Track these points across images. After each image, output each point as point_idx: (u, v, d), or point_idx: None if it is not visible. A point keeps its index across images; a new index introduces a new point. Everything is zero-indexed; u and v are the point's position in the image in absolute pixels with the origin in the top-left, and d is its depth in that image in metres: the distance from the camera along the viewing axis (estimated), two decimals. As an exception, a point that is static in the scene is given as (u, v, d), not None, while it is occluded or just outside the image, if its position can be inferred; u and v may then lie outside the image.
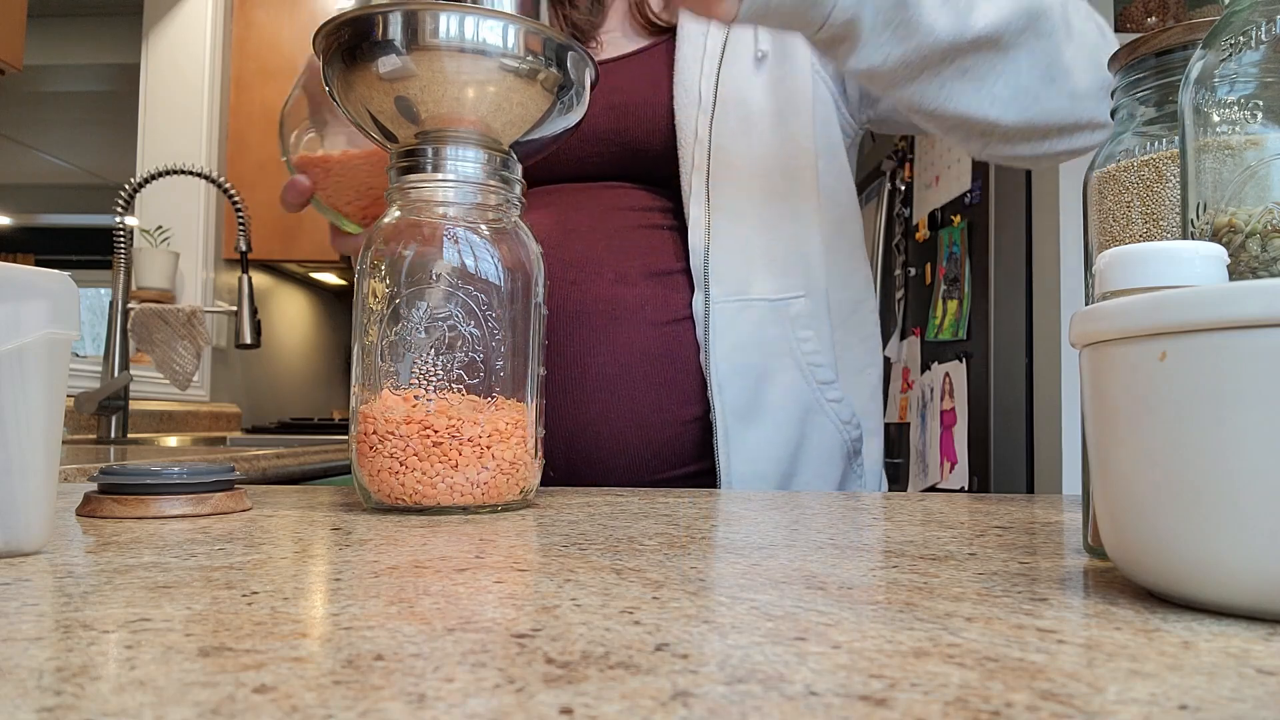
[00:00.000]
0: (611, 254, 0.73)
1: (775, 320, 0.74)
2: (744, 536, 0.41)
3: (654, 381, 0.72)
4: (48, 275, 0.34)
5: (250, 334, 1.65)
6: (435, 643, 0.22)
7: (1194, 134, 0.33)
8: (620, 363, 0.71)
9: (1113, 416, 0.27)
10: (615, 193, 0.77)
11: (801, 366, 0.74)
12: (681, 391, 0.72)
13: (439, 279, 0.51)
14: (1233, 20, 0.32)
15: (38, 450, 0.33)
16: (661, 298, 0.73)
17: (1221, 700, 0.18)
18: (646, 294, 0.73)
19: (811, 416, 0.75)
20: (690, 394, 0.72)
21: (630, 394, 0.71)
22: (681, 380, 0.72)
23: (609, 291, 0.72)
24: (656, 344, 0.72)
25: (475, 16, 0.49)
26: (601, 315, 0.72)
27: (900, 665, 0.20)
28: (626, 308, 0.72)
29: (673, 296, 0.74)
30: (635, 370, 0.71)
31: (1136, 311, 0.25)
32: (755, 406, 0.72)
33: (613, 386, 0.71)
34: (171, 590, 0.27)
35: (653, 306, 0.73)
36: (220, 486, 0.49)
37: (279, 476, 1.15)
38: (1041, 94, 0.67)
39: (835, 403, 0.76)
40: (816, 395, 0.75)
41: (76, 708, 0.17)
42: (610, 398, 0.71)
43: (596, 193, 0.77)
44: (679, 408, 0.72)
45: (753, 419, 0.72)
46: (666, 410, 0.72)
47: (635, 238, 0.75)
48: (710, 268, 0.73)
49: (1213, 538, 0.24)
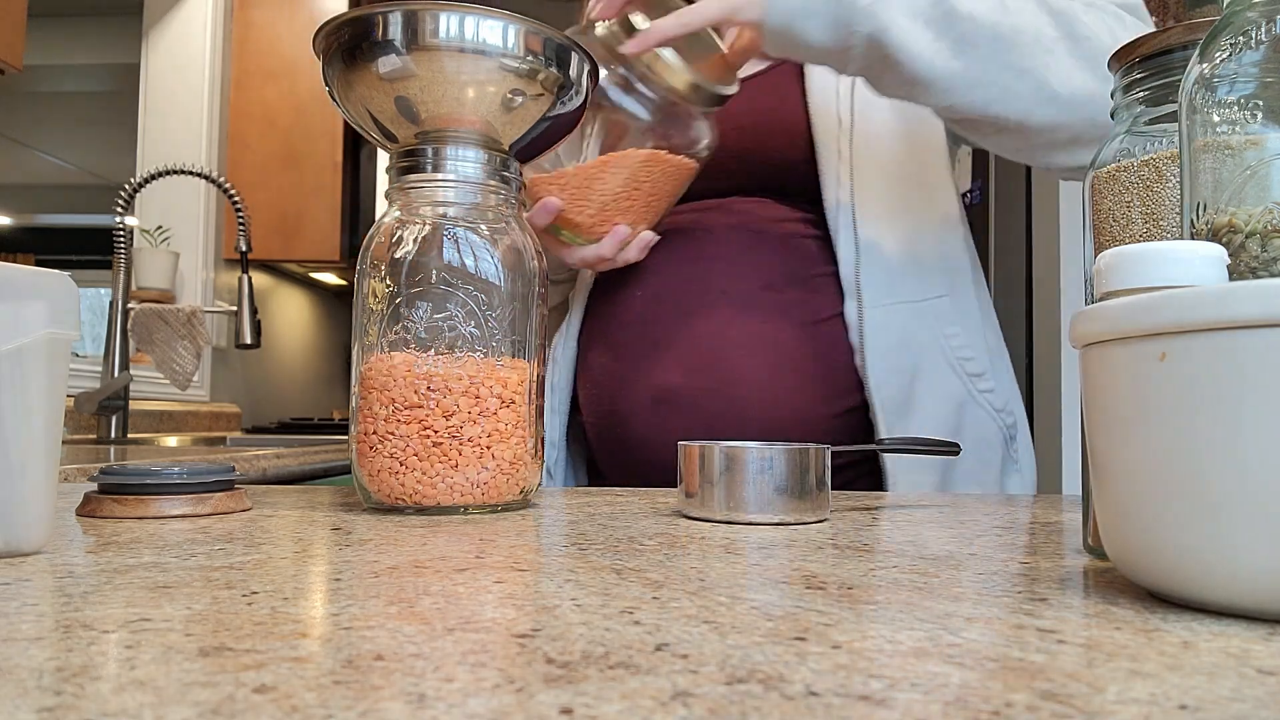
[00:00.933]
0: (753, 263, 0.78)
1: (921, 320, 0.78)
2: (744, 536, 0.41)
3: (808, 378, 0.76)
4: (48, 275, 0.34)
5: (250, 334, 1.65)
6: (435, 643, 0.22)
7: (1194, 134, 0.33)
8: (775, 363, 0.75)
9: (1113, 416, 0.27)
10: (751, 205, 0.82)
11: (951, 361, 0.78)
12: (835, 386, 0.76)
13: (439, 279, 0.51)
14: (1233, 20, 0.32)
15: (38, 450, 0.33)
16: (809, 300, 0.77)
17: (1221, 700, 0.18)
18: (794, 298, 0.77)
19: (965, 409, 0.78)
20: (843, 388, 0.76)
21: (786, 392, 0.75)
22: (835, 376, 0.76)
23: (759, 296, 0.77)
24: (808, 343, 0.76)
25: (475, 16, 0.49)
26: (755, 319, 0.76)
27: (900, 665, 0.20)
28: (776, 310, 0.77)
29: (818, 299, 0.78)
30: (789, 369, 0.75)
31: (1136, 311, 0.25)
32: (910, 402, 0.76)
33: (769, 386, 0.75)
34: (171, 590, 0.27)
35: (801, 309, 0.77)
36: (220, 486, 0.49)
37: (279, 476, 1.15)
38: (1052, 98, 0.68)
39: (988, 393, 0.80)
40: (969, 387, 0.79)
41: (76, 708, 0.17)
42: (767, 397, 0.75)
43: (731, 206, 0.82)
44: (834, 401, 0.76)
45: (909, 414, 0.76)
46: (823, 404, 0.76)
47: (776, 245, 0.79)
48: (861, 275, 0.77)
49: (1213, 538, 0.24)
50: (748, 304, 0.77)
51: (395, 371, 0.50)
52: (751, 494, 0.47)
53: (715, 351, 0.76)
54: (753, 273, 0.78)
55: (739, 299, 0.77)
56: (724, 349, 0.76)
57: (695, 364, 0.76)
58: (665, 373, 0.77)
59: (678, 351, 0.77)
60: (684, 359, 0.76)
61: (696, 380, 0.76)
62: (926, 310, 0.78)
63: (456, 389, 0.49)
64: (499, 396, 0.50)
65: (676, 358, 0.77)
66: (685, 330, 0.77)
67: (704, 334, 0.76)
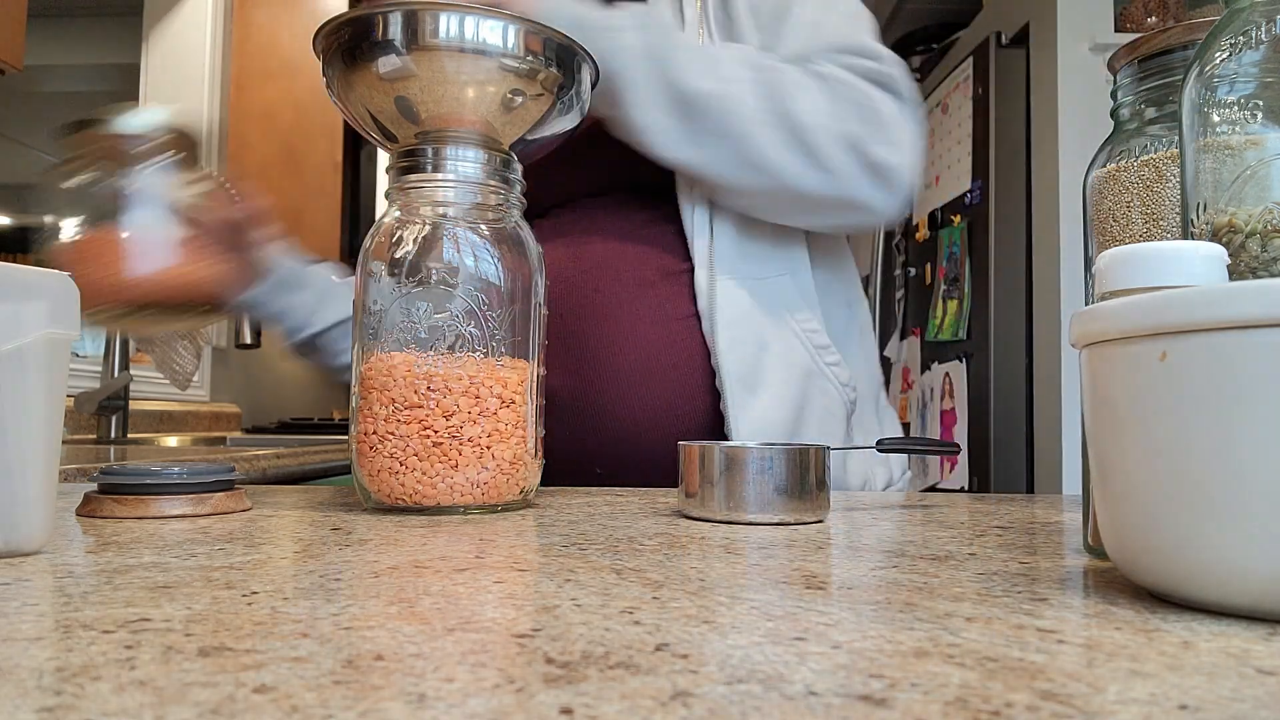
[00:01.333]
0: (626, 259, 0.79)
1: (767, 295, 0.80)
2: (744, 536, 0.41)
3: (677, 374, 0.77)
4: (48, 275, 0.34)
5: (250, 334, 1.65)
6: (435, 643, 0.22)
7: (1194, 134, 0.33)
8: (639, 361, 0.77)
9: (1113, 416, 0.27)
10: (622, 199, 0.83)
11: (797, 333, 0.80)
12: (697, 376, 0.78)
13: (439, 279, 0.51)
14: (1233, 20, 0.32)
15: (38, 450, 0.33)
16: (680, 295, 0.79)
17: (1221, 700, 0.18)
18: (665, 293, 0.78)
19: (812, 379, 0.80)
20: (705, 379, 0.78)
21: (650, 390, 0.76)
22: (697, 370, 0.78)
23: (629, 293, 0.78)
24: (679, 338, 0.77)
25: (475, 16, 0.49)
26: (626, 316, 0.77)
27: (900, 665, 0.20)
28: (646, 306, 0.78)
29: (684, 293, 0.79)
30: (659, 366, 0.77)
31: (1136, 311, 0.25)
32: (757, 373, 0.77)
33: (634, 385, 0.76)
34: (171, 590, 0.27)
35: (673, 304, 0.78)
36: (220, 486, 0.49)
37: (279, 476, 1.15)
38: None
39: (834, 366, 0.82)
40: (815, 360, 0.81)
41: (76, 708, 0.17)
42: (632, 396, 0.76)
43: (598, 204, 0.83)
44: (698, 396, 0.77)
45: (756, 386, 0.77)
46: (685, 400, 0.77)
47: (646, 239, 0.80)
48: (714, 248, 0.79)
49: (1213, 538, 0.24)
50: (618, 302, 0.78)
51: (395, 371, 0.50)
52: (752, 494, 0.47)
53: (586, 353, 0.77)
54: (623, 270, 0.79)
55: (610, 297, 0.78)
56: (594, 350, 0.77)
57: (569, 367, 0.78)
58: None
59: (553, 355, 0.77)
60: (559, 362, 0.77)
61: (571, 383, 0.77)
62: (771, 286, 0.80)
63: (456, 389, 0.49)
64: (499, 396, 0.50)
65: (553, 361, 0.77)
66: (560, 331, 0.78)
67: (575, 335, 0.78)
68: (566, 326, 0.78)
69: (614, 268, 0.79)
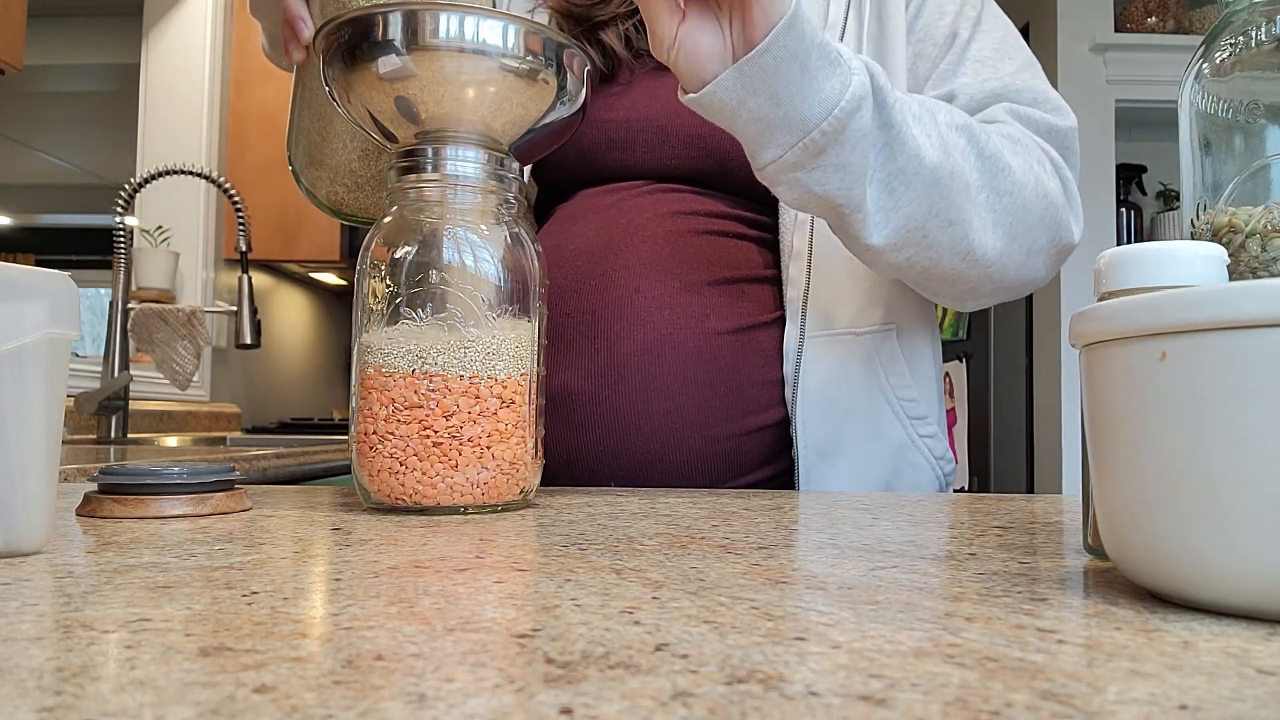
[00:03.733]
0: (675, 261, 0.72)
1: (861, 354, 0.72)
2: (744, 536, 0.41)
3: (715, 391, 0.70)
4: (48, 275, 0.34)
5: (250, 334, 1.65)
6: (435, 643, 0.22)
7: (1192, 134, 0.33)
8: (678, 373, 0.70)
9: (1112, 416, 0.27)
10: (688, 196, 0.75)
11: (891, 401, 0.73)
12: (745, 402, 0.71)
13: (439, 279, 0.51)
14: (1232, 20, 0.32)
15: (38, 450, 0.33)
16: (729, 306, 0.72)
17: (1221, 700, 0.18)
18: (712, 303, 0.71)
19: (904, 454, 0.73)
20: (755, 405, 0.71)
21: (687, 405, 0.70)
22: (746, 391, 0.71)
23: (674, 298, 0.71)
24: (721, 353, 0.71)
25: (475, 16, 0.49)
26: (665, 322, 0.70)
27: (900, 665, 0.20)
28: (691, 316, 0.71)
29: (743, 306, 0.72)
30: (693, 380, 0.70)
31: (1136, 311, 0.25)
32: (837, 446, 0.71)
33: (668, 398, 0.70)
34: (171, 590, 0.27)
35: (718, 316, 0.71)
36: (220, 486, 0.49)
37: (279, 476, 1.15)
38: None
39: (929, 439, 0.74)
40: (909, 432, 0.73)
41: (76, 708, 0.17)
42: (664, 409, 0.70)
43: (666, 194, 0.75)
44: (741, 418, 0.71)
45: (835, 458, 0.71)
46: (727, 421, 0.70)
47: (704, 244, 0.73)
48: (809, 300, 0.71)
49: (1213, 538, 0.24)
50: (660, 305, 0.71)
51: (395, 372, 0.50)
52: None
53: (615, 355, 0.70)
54: (674, 272, 0.71)
55: (653, 299, 0.71)
56: (626, 353, 0.70)
57: (592, 368, 0.71)
58: (563, 372, 0.71)
59: (579, 351, 0.71)
60: (583, 360, 0.71)
61: (591, 385, 0.70)
62: (869, 343, 0.73)
63: (456, 389, 0.49)
64: (499, 397, 0.50)
65: (576, 358, 0.71)
66: (589, 328, 0.71)
67: (606, 335, 0.70)
68: (598, 325, 0.71)
69: (664, 267, 0.71)
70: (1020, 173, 0.64)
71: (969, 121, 0.63)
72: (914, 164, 0.58)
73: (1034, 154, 0.67)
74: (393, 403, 0.49)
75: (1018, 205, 0.64)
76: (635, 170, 0.76)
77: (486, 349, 0.50)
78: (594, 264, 0.73)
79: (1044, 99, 0.71)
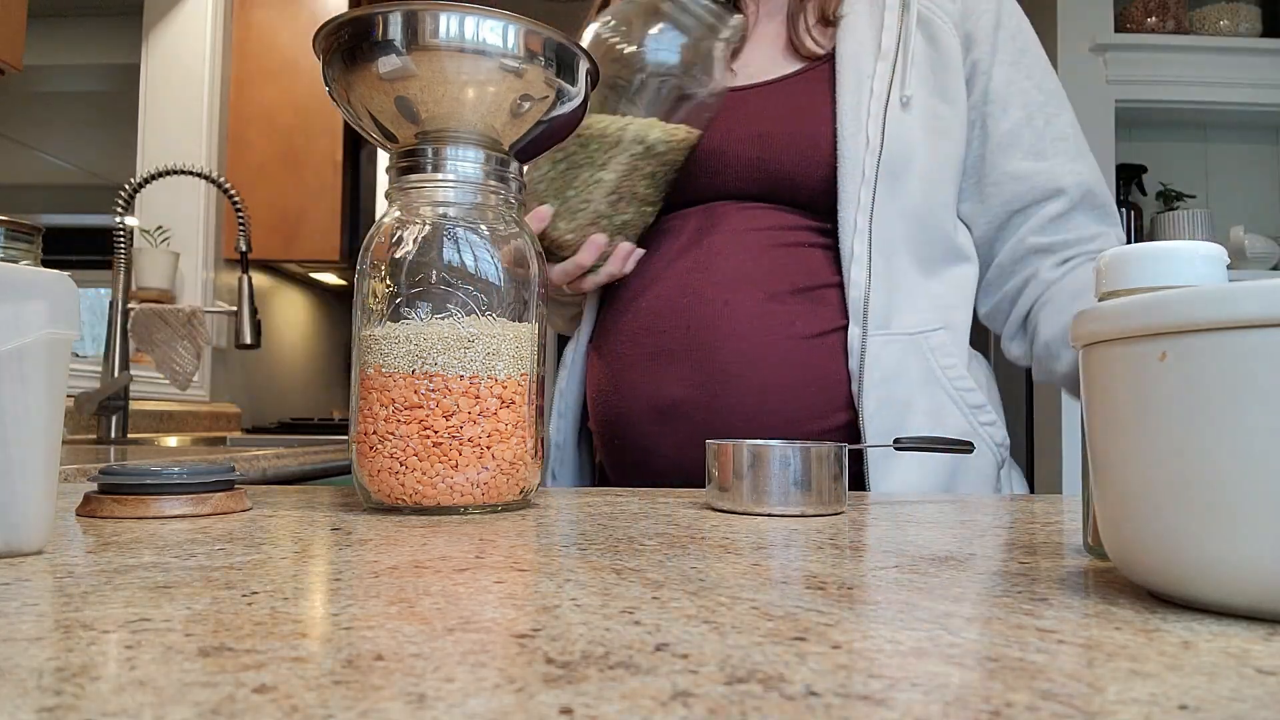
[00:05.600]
0: (757, 273, 0.77)
1: (916, 352, 0.76)
2: (744, 536, 0.41)
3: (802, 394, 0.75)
4: (48, 275, 0.34)
5: (250, 334, 1.65)
6: (435, 643, 0.22)
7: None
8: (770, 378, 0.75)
9: (1113, 416, 0.27)
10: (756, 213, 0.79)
11: (951, 394, 0.77)
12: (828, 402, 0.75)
13: (439, 279, 0.51)
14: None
15: (38, 450, 0.33)
16: (810, 313, 0.76)
17: (1221, 700, 0.18)
18: (795, 310, 0.76)
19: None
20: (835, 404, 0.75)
21: (780, 408, 0.74)
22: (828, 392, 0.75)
23: (761, 308, 0.76)
24: (805, 357, 0.75)
25: (475, 16, 0.49)
26: (756, 331, 0.75)
27: (900, 665, 0.20)
28: (778, 322, 0.75)
29: (820, 312, 0.76)
30: (784, 384, 0.75)
31: (1136, 311, 0.25)
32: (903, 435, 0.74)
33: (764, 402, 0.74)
34: (171, 590, 0.27)
35: (801, 322, 0.76)
36: (220, 486, 0.49)
37: (279, 476, 1.15)
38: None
39: (989, 426, 0.78)
40: (971, 420, 0.77)
41: (76, 708, 0.17)
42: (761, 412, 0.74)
43: (736, 212, 0.80)
44: (826, 416, 0.75)
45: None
46: (815, 420, 0.75)
47: (780, 255, 0.78)
48: (870, 302, 0.75)
49: (1213, 538, 0.24)
50: (749, 317, 0.76)
51: (395, 372, 0.50)
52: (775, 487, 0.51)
53: (713, 365, 0.75)
54: (756, 284, 0.76)
55: (740, 311, 0.76)
56: (722, 363, 0.75)
57: (693, 378, 0.75)
58: (665, 386, 0.76)
59: (678, 365, 0.76)
60: (683, 373, 0.75)
61: (694, 395, 0.75)
62: (921, 342, 0.77)
63: (456, 389, 0.49)
64: (499, 397, 0.50)
65: (677, 371, 0.76)
66: (685, 342, 0.76)
67: (703, 347, 0.76)
68: (695, 338, 0.76)
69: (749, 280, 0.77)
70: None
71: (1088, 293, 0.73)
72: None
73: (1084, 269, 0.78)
74: (393, 403, 0.49)
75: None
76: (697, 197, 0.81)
77: (486, 349, 0.50)
78: (681, 282, 0.78)
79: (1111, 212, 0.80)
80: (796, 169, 0.78)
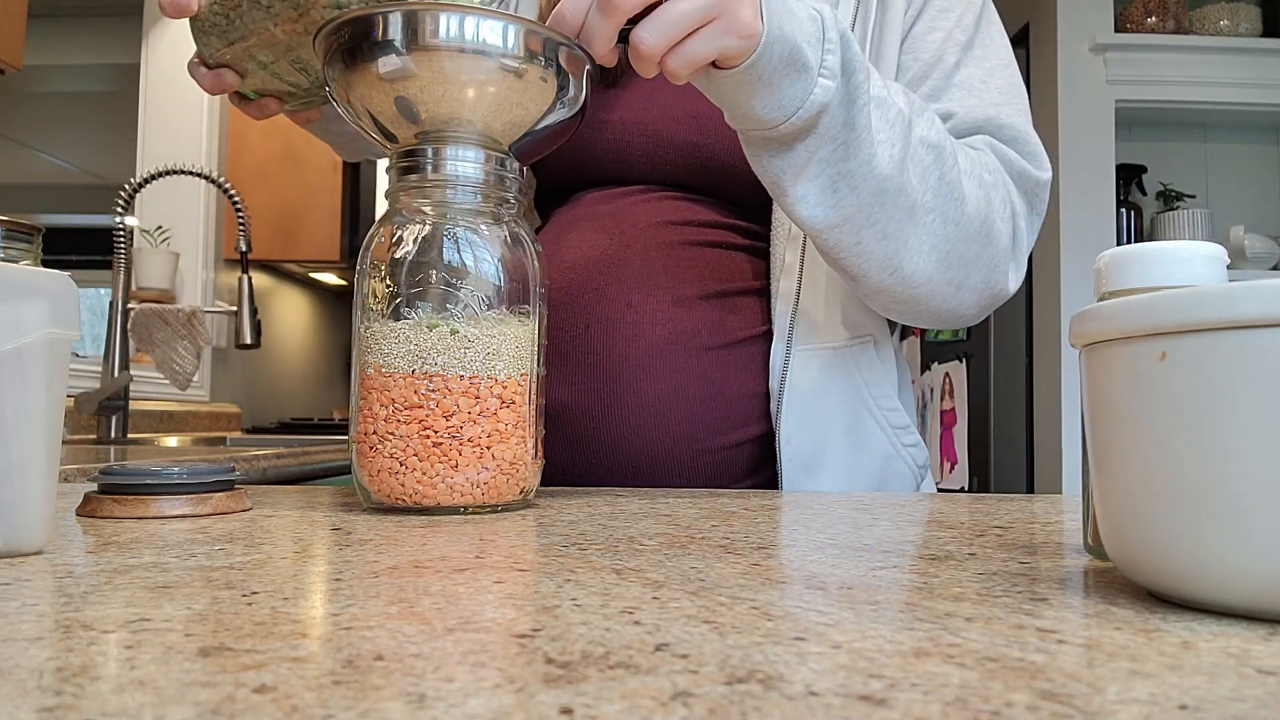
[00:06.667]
0: (668, 274, 0.72)
1: (840, 368, 0.72)
2: (744, 536, 0.41)
3: (704, 406, 0.70)
4: (48, 275, 0.34)
5: (250, 334, 1.65)
6: (435, 643, 0.22)
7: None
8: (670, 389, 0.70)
9: (1112, 416, 0.27)
10: (680, 204, 0.74)
11: (874, 413, 0.73)
12: (732, 416, 0.71)
13: (439, 279, 0.51)
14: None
15: (38, 450, 0.33)
16: (719, 321, 0.72)
17: (1221, 700, 0.18)
18: (703, 318, 0.71)
19: (890, 464, 0.73)
20: (740, 419, 0.71)
21: (678, 421, 0.70)
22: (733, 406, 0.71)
23: (666, 313, 0.71)
24: (710, 368, 0.71)
25: (475, 16, 0.49)
26: (659, 339, 0.70)
27: (900, 665, 0.20)
28: (682, 332, 0.71)
29: (733, 320, 0.72)
30: (684, 396, 0.70)
31: (1136, 311, 0.25)
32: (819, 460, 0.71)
33: (660, 413, 0.70)
34: (171, 590, 0.27)
35: (709, 331, 0.71)
36: (220, 486, 0.49)
37: (279, 476, 1.15)
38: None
39: (912, 448, 0.75)
40: (894, 442, 0.74)
41: (76, 708, 0.17)
42: (656, 424, 0.70)
43: (658, 201, 0.75)
44: (728, 431, 0.71)
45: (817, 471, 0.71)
46: (715, 435, 0.71)
47: (695, 255, 0.73)
48: (797, 316, 0.71)
49: (1213, 538, 0.24)
50: (653, 321, 0.70)
51: (395, 372, 0.50)
52: None
53: (609, 370, 0.70)
54: (666, 286, 0.71)
55: (645, 314, 0.70)
56: (618, 369, 0.70)
57: (585, 383, 0.70)
58: (556, 386, 0.71)
59: (569, 367, 0.71)
60: (574, 375, 0.71)
61: (582, 400, 0.70)
62: (847, 356, 0.72)
63: (456, 389, 0.49)
64: (499, 397, 0.50)
65: (570, 373, 0.71)
66: (581, 343, 0.71)
67: (601, 349, 0.70)
68: (590, 340, 0.70)
69: (657, 281, 0.71)
70: (973, 206, 0.64)
71: (944, 141, 0.63)
72: (864, 169, 0.58)
73: (998, 192, 0.66)
74: (393, 403, 0.49)
75: (960, 236, 0.63)
76: (632, 175, 0.76)
77: (486, 349, 0.50)
78: (588, 277, 0.72)
79: (1024, 141, 0.70)
80: (732, 158, 0.72)
